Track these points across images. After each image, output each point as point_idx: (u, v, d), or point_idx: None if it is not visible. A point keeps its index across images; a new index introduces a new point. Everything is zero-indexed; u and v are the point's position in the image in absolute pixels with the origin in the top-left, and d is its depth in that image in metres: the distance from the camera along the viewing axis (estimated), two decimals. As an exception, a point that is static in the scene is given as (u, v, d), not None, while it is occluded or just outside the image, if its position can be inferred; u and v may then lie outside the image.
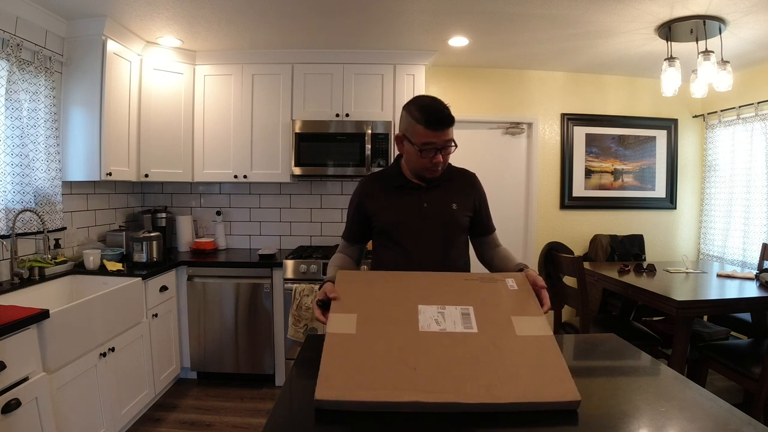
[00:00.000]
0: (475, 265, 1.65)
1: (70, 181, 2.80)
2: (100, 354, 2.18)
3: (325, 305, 1.21)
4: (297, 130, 3.25)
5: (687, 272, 2.96)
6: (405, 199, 1.51)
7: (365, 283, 1.27)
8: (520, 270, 1.36)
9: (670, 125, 3.98)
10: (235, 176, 3.37)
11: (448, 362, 0.99)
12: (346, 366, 0.98)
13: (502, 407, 0.92)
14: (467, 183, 1.59)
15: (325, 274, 1.48)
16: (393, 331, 1.07)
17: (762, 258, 3.22)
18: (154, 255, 2.96)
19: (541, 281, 1.24)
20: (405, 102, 1.49)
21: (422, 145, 1.39)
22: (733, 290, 2.52)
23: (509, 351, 1.03)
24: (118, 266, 2.71)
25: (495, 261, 1.58)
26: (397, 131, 1.60)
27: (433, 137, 1.38)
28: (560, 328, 3.07)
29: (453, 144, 1.42)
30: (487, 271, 1.62)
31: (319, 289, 1.28)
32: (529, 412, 0.92)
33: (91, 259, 2.67)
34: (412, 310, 1.14)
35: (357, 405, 0.92)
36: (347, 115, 3.32)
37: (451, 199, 1.52)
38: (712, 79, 2.62)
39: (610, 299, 3.58)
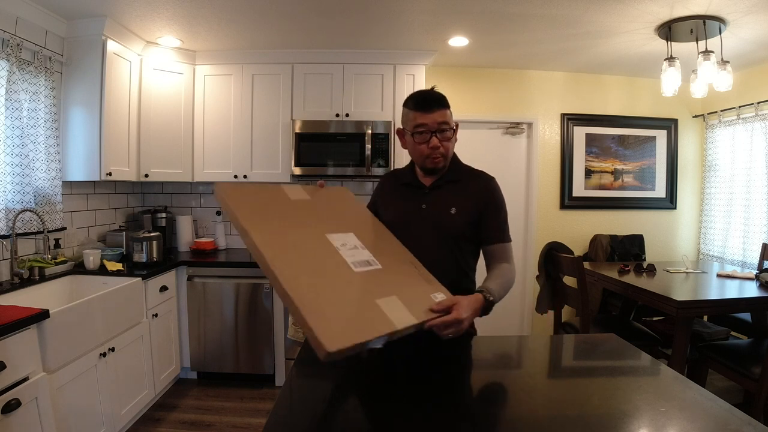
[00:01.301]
0: (480, 272, 1.52)
1: (70, 181, 2.80)
2: (100, 354, 2.18)
3: None
4: (297, 130, 3.25)
5: (687, 272, 2.96)
6: (407, 198, 1.50)
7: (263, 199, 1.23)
8: (480, 292, 1.25)
9: (670, 125, 3.98)
10: (235, 176, 3.37)
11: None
12: (330, 315, 0.95)
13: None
14: (475, 186, 1.48)
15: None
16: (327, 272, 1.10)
17: (762, 258, 3.22)
18: (154, 255, 2.96)
19: (457, 314, 1.12)
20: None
21: (414, 128, 1.39)
22: (733, 290, 2.52)
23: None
24: (118, 266, 2.71)
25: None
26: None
27: (424, 119, 1.37)
28: (560, 328, 3.07)
29: (451, 129, 1.40)
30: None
31: None
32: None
33: (91, 259, 2.67)
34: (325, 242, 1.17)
35: (361, 347, 0.93)
36: (347, 115, 3.32)
37: (452, 203, 1.45)
38: (712, 79, 2.62)
39: (610, 299, 3.58)
